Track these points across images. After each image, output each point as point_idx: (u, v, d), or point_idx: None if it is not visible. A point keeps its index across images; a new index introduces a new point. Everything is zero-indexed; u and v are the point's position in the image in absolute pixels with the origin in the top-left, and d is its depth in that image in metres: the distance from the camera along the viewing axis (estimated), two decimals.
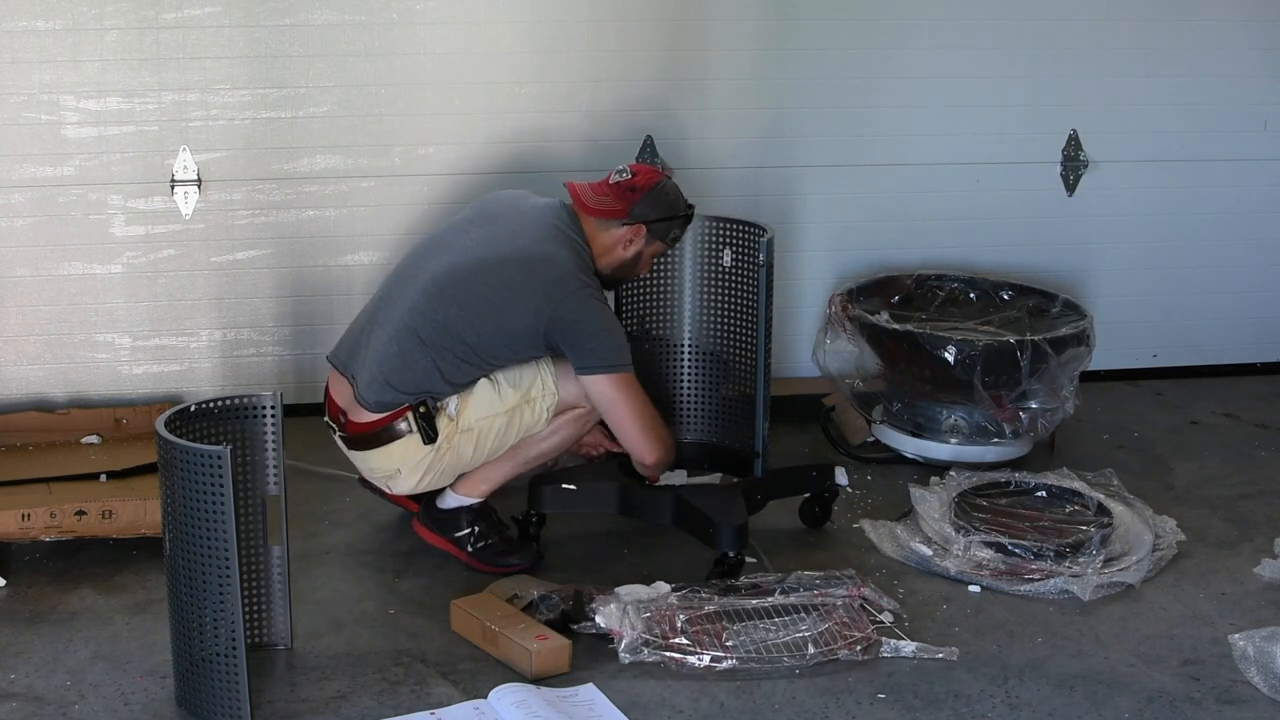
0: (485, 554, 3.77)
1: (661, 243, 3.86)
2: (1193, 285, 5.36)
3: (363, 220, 4.73)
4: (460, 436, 3.71)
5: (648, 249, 3.85)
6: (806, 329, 4.97)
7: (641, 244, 3.82)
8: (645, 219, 3.79)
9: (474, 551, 3.78)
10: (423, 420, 3.68)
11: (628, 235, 3.80)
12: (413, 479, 3.75)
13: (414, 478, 3.75)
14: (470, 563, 3.77)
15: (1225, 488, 4.43)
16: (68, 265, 4.58)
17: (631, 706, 3.17)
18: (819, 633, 3.40)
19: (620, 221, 3.79)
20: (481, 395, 3.72)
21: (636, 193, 3.78)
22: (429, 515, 3.84)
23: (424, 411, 3.68)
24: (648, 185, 3.80)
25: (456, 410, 3.71)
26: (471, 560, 3.77)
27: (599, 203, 3.79)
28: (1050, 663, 3.41)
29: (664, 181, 3.85)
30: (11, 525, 3.67)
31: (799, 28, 4.88)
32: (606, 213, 3.79)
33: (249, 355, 4.74)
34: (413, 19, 4.63)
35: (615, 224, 3.79)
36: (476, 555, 3.77)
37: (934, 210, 5.11)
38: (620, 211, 3.78)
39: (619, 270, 3.86)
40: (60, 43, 4.43)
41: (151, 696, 3.19)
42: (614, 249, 3.81)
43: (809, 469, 4.10)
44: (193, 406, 3.17)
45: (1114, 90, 5.14)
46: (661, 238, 3.84)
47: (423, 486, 3.78)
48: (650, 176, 3.83)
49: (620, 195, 3.78)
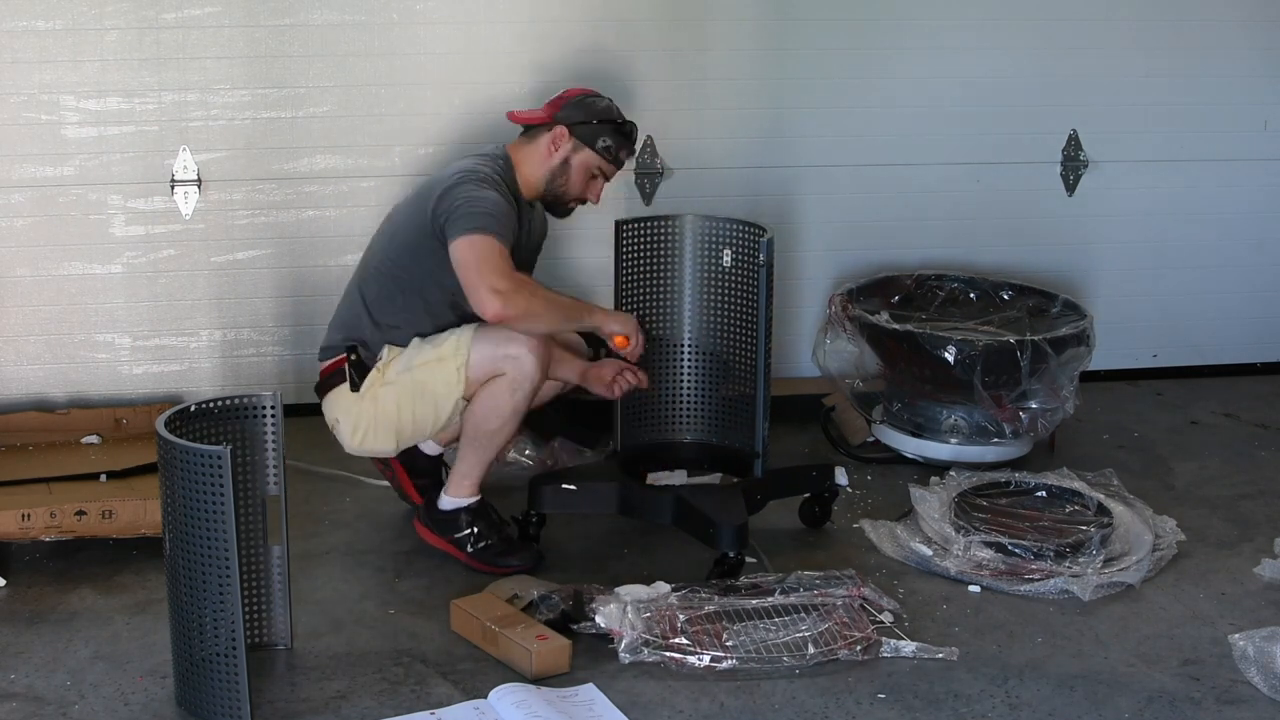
0: (485, 554, 3.77)
1: (592, 151, 3.84)
2: (1193, 285, 5.36)
3: (363, 220, 4.71)
4: (383, 389, 3.75)
5: (576, 156, 3.84)
6: (806, 329, 4.97)
7: (568, 149, 3.83)
8: (569, 119, 3.83)
9: (473, 552, 3.78)
10: (353, 369, 3.76)
11: (550, 139, 3.83)
12: (348, 429, 3.81)
13: (348, 428, 3.81)
14: (470, 563, 3.77)
15: (1225, 488, 4.43)
16: (68, 265, 4.58)
17: (631, 706, 3.17)
18: (819, 633, 3.40)
19: (545, 128, 3.85)
20: (409, 350, 3.76)
21: (563, 98, 3.87)
22: (429, 516, 3.84)
23: (355, 360, 3.76)
24: (576, 93, 3.90)
25: (385, 363, 3.76)
26: (471, 561, 3.77)
27: (528, 115, 3.89)
28: (1050, 663, 3.41)
29: (597, 96, 3.90)
30: (11, 525, 3.67)
31: (799, 28, 4.88)
32: (533, 119, 3.87)
33: (249, 355, 4.74)
34: (413, 19, 4.63)
35: (541, 131, 3.85)
36: (476, 556, 3.77)
37: (934, 210, 5.11)
38: (544, 118, 3.85)
39: (553, 183, 3.86)
40: (60, 43, 4.43)
41: (151, 696, 3.19)
42: (542, 159, 3.84)
43: (809, 469, 4.10)
44: (193, 406, 3.17)
45: (1114, 90, 5.14)
46: (589, 143, 3.83)
47: (360, 440, 3.81)
48: (581, 89, 3.93)
49: (549, 103, 3.89)
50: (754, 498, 3.89)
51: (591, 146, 3.84)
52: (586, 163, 3.86)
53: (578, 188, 3.89)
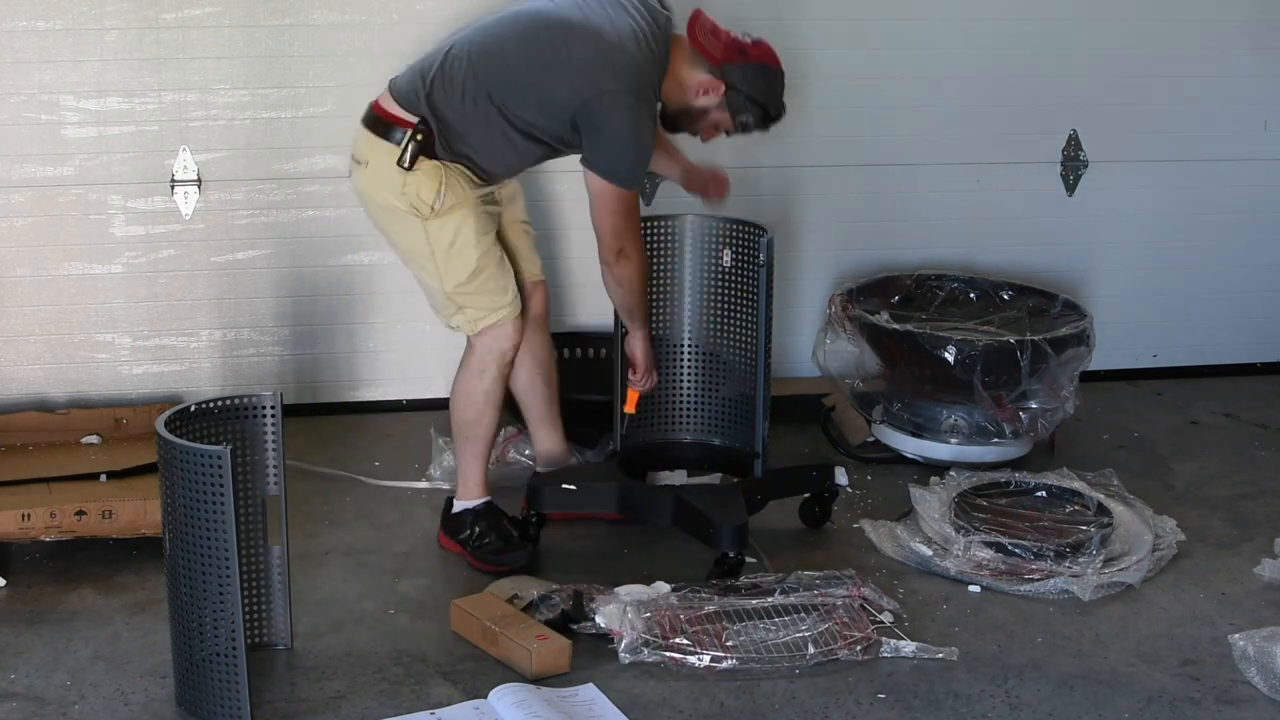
0: (482, 552, 3.79)
1: (730, 117, 3.72)
2: (1193, 285, 5.36)
3: (363, 220, 4.68)
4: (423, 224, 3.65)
5: (716, 113, 3.70)
6: (806, 329, 4.96)
7: (713, 102, 3.69)
8: (731, 81, 3.65)
9: (473, 550, 3.79)
10: (414, 144, 3.59)
11: (706, 84, 3.66)
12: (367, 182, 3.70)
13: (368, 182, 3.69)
14: (473, 562, 3.78)
15: (1225, 488, 4.43)
16: (68, 265, 4.58)
17: (631, 706, 3.17)
18: (819, 633, 3.40)
19: (709, 67, 3.66)
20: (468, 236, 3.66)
21: (743, 56, 3.66)
22: (444, 520, 3.89)
23: (421, 139, 3.59)
24: (757, 58, 3.69)
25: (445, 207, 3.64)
26: (474, 560, 3.78)
27: (708, 40, 3.66)
28: (1050, 663, 3.41)
29: (774, 68, 3.70)
30: (11, 525, 3.67)
31: (799, 28, 4.88)
32: (705, 50, 3.66)
33: (249, 355, 4.74)
34: (413, 19, 4.63)
35: (704, 66, 3.66)
36: (474, 554, 3.79)
37: (934, 210, 5.11)
38: (716, 59, 3.65)
39: (682, 115, 3.74)
40: (60, 43, 4.43)
41: (151, 696, 3.19)
42: (689, 91, 3.68)
43: (809, 469, 4.10)
44: (193, 406, 3.17)
45: (1114, 90, 5.14)
46: (734, 112, 3.69)
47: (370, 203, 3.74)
48: (765, 55, 3.71)
49: (729, 47, 3.66)
50: (754, 498, 3.89)
51: (734, 115, 3.70)
52: (721, 122, 3.74)
53: (700, 129, 3.79)
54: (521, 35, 3.64)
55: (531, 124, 3.64)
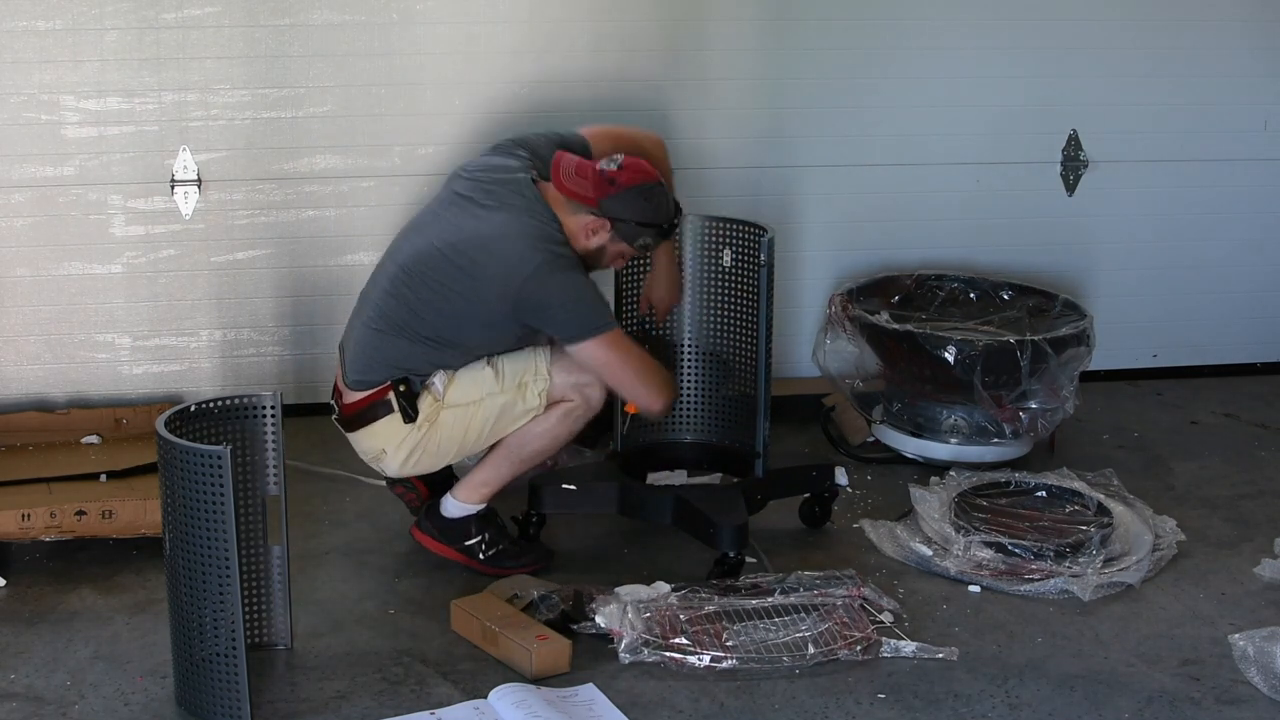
0: (498, 559, 3.74)
1: (627, 245, 3.70)
2: (1193, 285, 5.36)
3: (363, 220, 4.73)
4: (447, 413, 3.66)
5: (612, 247, 3.69)
6: (806, 329, 4.96)
7: (605, 239, 3.66)
8: (613, 215, 3.62)
9: (486, 558, 3.74)
10: (403, 399, 3.64)
11: (592, 225, 3.63)
12: (398, 458, 3.70)
13: (399, 457, 3.69)
14: (483, 569, 3.73)
15: (1225, 488, 4.43)
16: (68, 265, 4.58)
17: (631, 706, 3.17)
18: (819, 633, 3.40)
19: (588, 209, 3.63)
20: (471, 374, 3.67)
21: (614, 186, 3.60)
22: (433, 524, 3.78)
23: (404, 390, 3.64)
24: (628, 184, 3.62)
25: (444, 387, 3.66)
26: (484, 567, 3.73)
27: (576, 184, 3.62)
28: (1050, 663, 3.41)
29: (650, 186, 3.64)
30: (11, 525, 3.67)
31: (799, 28, 4.88)
32: (578, 196, 3.62)
33: (249, 355, 4.74)
34: (413, 19, 4.63)
35: (583, 210, 3.63)
36: (489, 562, 3.73)
37: (934, 210, 5.11)
38: (590, 200, 3.61)
39: (583, 257, 3.71)
40: (60, 43, 4.42)
41: (151, 696, 3.19)
42: (578, 235, 3.64)
43: (809, 469, 4.10)
44: (193, 406, 3.17)
45: (1114, 90, 5.14)
46: (629, 240, 3.67)
47: (410, 466, 3.72)
48: (636, 176, 3.63)
49: (598, 183, 3.61)
50: (754, 497, 3.89)
51: (630, 243, 3.68)
52: (622, 252, 3.73)
53: (608, 263, 3.78)
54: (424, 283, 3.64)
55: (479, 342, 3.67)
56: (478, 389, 3.67)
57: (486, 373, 3.67)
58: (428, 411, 3.66)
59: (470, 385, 3.67)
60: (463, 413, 3.67)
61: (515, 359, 3.69)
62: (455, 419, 3.67)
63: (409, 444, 3.68)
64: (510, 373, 3.68)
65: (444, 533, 3.77)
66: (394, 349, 3.67)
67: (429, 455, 3.71)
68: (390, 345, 3.67)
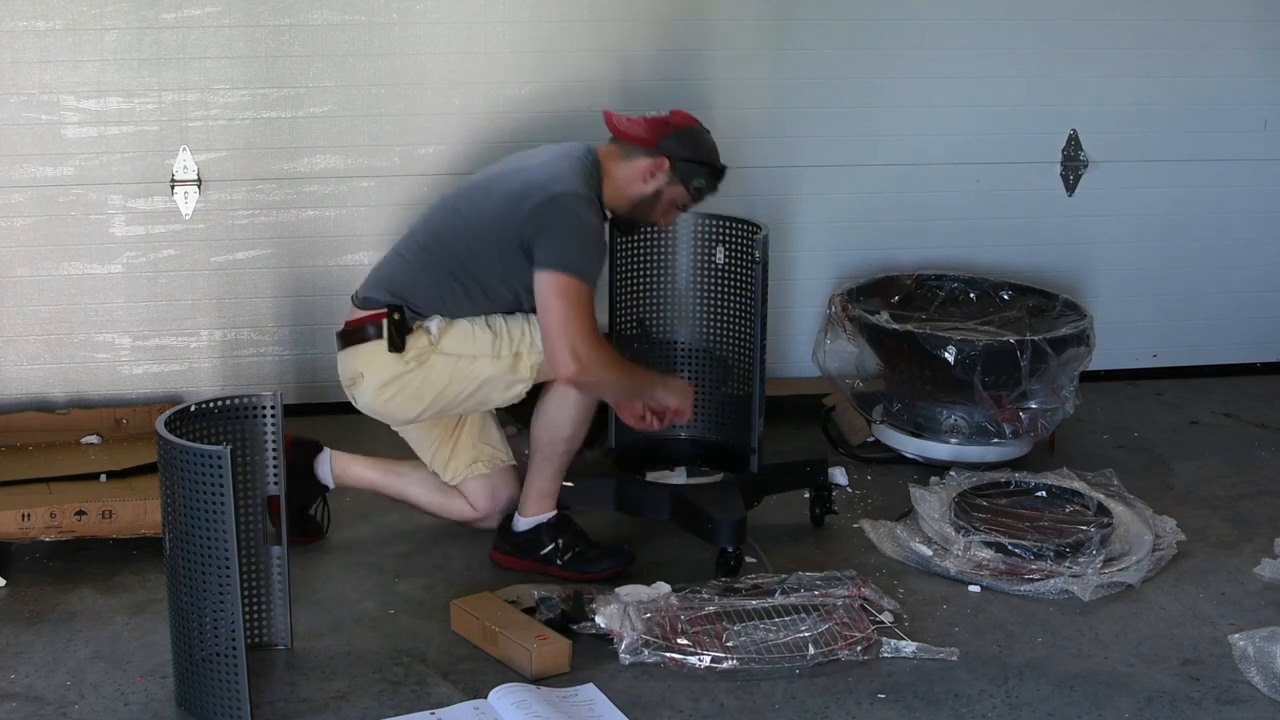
0: (577, 562, 3.71)
1: (684, 188, 3.72)
2: (1193, 285, 5.37)
3: (363, 220, 4.73)
4: (439, 358, 3.61)
5: (669, 190, 3.71)
6: (806, 329, 4.97)
7: (663, 181, 3.70)
8: (672, 153, 3.68)
9: (564, 564, 3.70)
10: (394, 327, 3.59)
11: (650, 167, 3.68)
12: (373, 386, 3.64)
13: (374, 384, 3.63)
14: (563, 575, 3.68)
15: (1225, 488, 4.43)
16: (68, 265, 4.58)
17: (631, 706, 3.17)
18: (819, 633, 3.40)
19: (645, 151, 3.68)
20: (469, 326, 3.64)
21: (669, 127, 3.69)
22: (507, 542, 3.76)
23: (398, 319, 3.59)
24: (683, 124, 3.73)
25: (439, 332, 3.62)
26: (564, 573, 3.68)
27: (629, 128, 3.70)
28: (1050, 663, 3.41)
29: (701, 128, 3.75)
30: (11, 525, 3.67)
31: (799, 28, 4.88)
32: (634, 138, 3.69)
33: (249, 355, 4.74)
34: (413, 19, 4.63)
35: (640, 153, 3.68)
36: (568, 566, 3.70)
37: (934, 210, 5.11)
38: (648, 140, 3.68)
39: (637, 208, 3.73)
40: (60, 43, 4.43)
41: (151, 696, 3.19)
42: (634, 181, 3.69)
43: (803, 464, 4.09)
44: (193, 406, 3.17)
45: (1114, 90, 5.14)
46: (685, 181, 3.71)
47: (383, 401, 3.65)
48: (687, 119, 3.75)
49: (653, 126, 3.70)
50: (749, 493, 3.88)
51: (686, 185, 3.72)
52: (676, 198, 3.74)
53: (659, 216, 3.79)
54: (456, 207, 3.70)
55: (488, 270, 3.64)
56: (473, 345, 3.62)
57: (485, 333, 3.63)
58: (419, 351, 3.61)
59: (466, 338, 3.63)
60: (453, 363, 3.62)
61: (513, 324, 3.65)
62: (445, 366, 3.62)
63: (389, 374, 3.62)
64: (507, 338, 3.63)
65: (519, 548, 3.75)
66: (402, 271, 3.68)
67: (405, 396, 3.64)
68: (400, 267, 3.69)
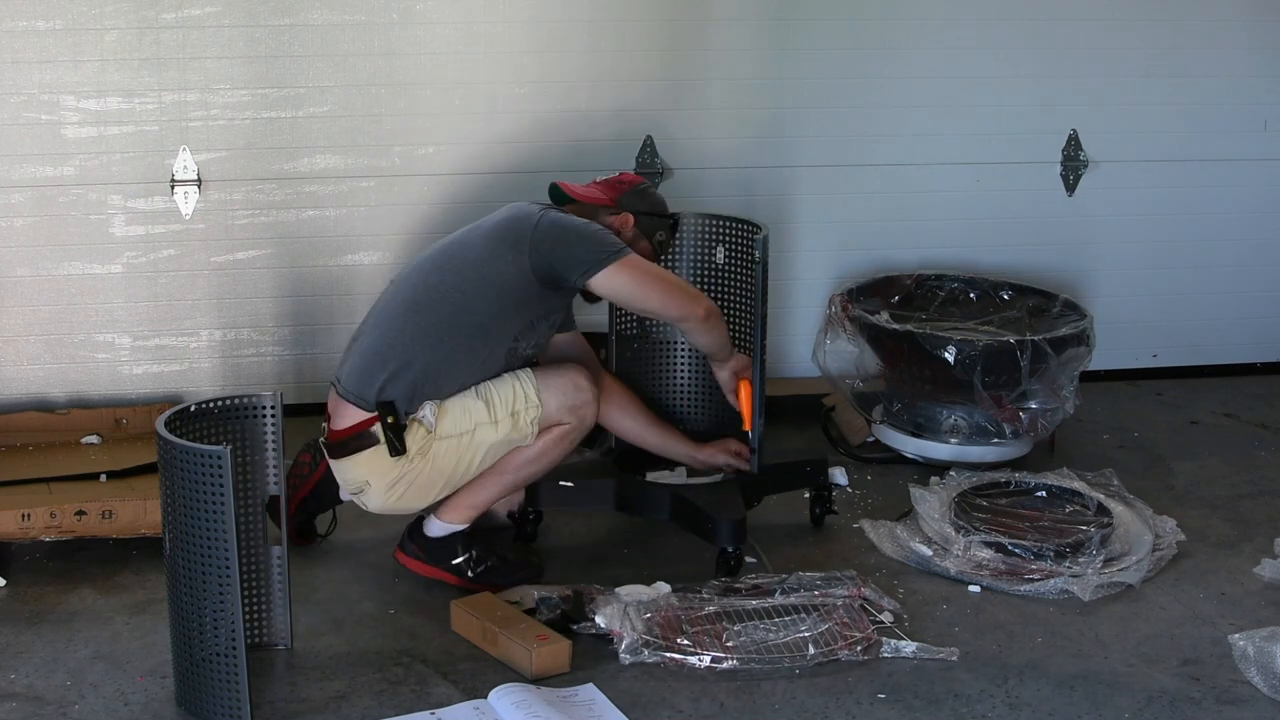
0: (488, 576, 3.67)
1: (648, 243, 3.81)
2: (1193, 285, 5.37)
3: (363, 220, 4.73)
4: (441, 444, 3.55)
5: (636, 246, 3.74)
6: (806, 329, 4.96)
7: (629, 237, 3.76)
8: (634, 209, 3.78)
9: (476, 576, 3.66)
10: (391, 431, 3.50)
11: (614, 223, 3.76)
12: (380, 489, 3.57)
13: (382, 487, 3.56)
14: (472, 587, 3.64)
15: (1225, 488, 4.43)
16: (68, 265, 4.58)
17: (631, 706, 3.17)
18: (819, 633, 3.40)
19: (608, 210, 3.78)
20: (461, 403, 3.57)
21: (624, 185, 3.82)
22: (417, 545, 3.70)
23: (392, 423, 3.50)
24: (635, 181, 3.86)
25: (434, 418, 3.55)
26: (473, 585, 3.64)
27: (587, 192, 3.81)
28: (1050, 663, 3.41)
29: (651, 184, 3.89)
30: (11, 525, 3.67)
31: (799, 28, 4.88)
32: (594, 200, 3.79)
33: (249, 355, 4.74)
34: (413, 19, 4.63)
35: (604, 213, 3.77)
36: (479, 579, 3.66)
37: (934, 210, 5.11)
38: (608, 200, 3.79)
39: None
40: (60, 43, 4.43)
41: (151, 696, 3.19)
42: None
43: (802, 464, 4.09)
44: (193, 406, 3.17)
45: (1114, 90, 5.14)
46: (648, 236, 3.81)
47: (394, 500, 3.59)
48: (636, 177, 3.90)
49: (608, 187, 3.82)
50: (749, 493, 3.88)
51: (649, 239, 3.82)
52: (642, 253, 3.76)
53: None
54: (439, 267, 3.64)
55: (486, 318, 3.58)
56: (469, 419, 3.57)
57: (477, 403, 3.58)
58: (419, 444, 3.55)
59: (462, 415, 3.57)
60: (456, 444, 3.57)
61: (502, 387, 3.60)
62: (448, 450, 3.57)
63: (395, 475, 3.55)
64: (500, 400, 3.58)
65: (430, 553, 3.69)
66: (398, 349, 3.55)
67: (415, 489, 3.59)
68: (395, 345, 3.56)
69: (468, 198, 4.70)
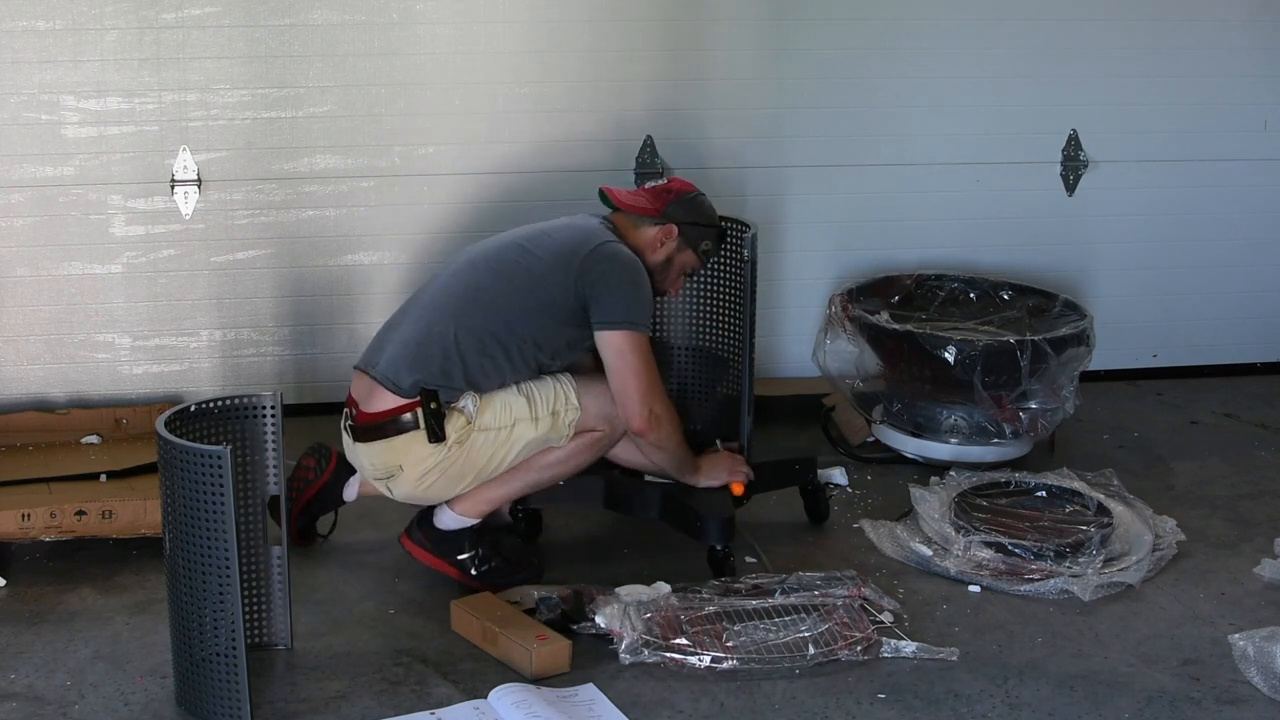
0: (490, 576, 3.66)
1: (693, 253, 3.79)
2: (1193, 285, 5.37)
3: (363, 220, 4.73)
4: (480, 435, 3.55)
5: (679, 256, 3.77)
6: (806, 329, 4.96)
7: (673, 247, 3.76)
8: (678, 219, 3.75)
9: (479, 574, 3.66)
10: (432, 417, 3.52)
11: (660, 236, 3.75)
12: (413, 476, 3.58)
13: (415, 475, 3.57)
14: (473, 584, 3.65)
15: (1225, 488, 4.43)
16: (68, 265, 4.58)
17: (631, 706, 3.17)
18: (819, 633, 3.40)
19: (653, 220, 3.76)
20: (502, 397, 3.57)
21: (671, 194, 3.79)
22: (425, 535, 3.70)
23: (434, 408, 3.52)
24: (683, 190, 3.82)
25: (475, 410, 3.55)
26: (474, 582, 3.65)
27: (632, 199, 3.79)
28: (1050, 663, 3.41)
29: (699, 193, 3.84)
30: (11, 525, 3.67)
31: (799, 28, 4.88)
32: (640, 209, 3.76)
33: (249, 355, 4.74)
34: (413, 19, 4.63)
35: (648, 222, 3.76)
36: (481, 578, 3.66)
37: (934, 210, 5.11)
38: (654, 210, 3.76)
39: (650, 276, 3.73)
40: (60, 43, 4.43)
41: (151, 696, 3.19)
42: (645, 248, 3.74)
43: (791, 461, 4.07)
44: (193, 406, 3.17)
45: (1114, 90, 5.14)
46: (694, 245, 3.78)
47: (423, 489, 3.60)
48: (685, 185, 3.85)
49: (655, 195, 3.79)
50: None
51: (694, 249, 3.80)
52: (685, 263, 3.80)
53: (670, 284, 3.83)
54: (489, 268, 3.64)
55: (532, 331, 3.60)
56: (509, 413, 3.57)
57: (519, 399, 3.58)
58: (458, 433, 3.54)
59: (502, 409, 3.57)
60: (494, 437, 3.57)
61: (543, 387, 3.62)
62: (486, 442, 3.57)
63: (431, 462, 3.55)
64: (541, 399, 3.59)
65: (437, 545, 3.68)
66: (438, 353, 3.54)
67: (446, 479, 3.59)
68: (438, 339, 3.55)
69: (468, 198, 4.71)
